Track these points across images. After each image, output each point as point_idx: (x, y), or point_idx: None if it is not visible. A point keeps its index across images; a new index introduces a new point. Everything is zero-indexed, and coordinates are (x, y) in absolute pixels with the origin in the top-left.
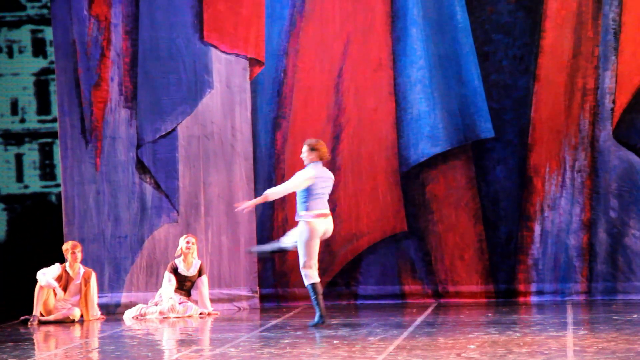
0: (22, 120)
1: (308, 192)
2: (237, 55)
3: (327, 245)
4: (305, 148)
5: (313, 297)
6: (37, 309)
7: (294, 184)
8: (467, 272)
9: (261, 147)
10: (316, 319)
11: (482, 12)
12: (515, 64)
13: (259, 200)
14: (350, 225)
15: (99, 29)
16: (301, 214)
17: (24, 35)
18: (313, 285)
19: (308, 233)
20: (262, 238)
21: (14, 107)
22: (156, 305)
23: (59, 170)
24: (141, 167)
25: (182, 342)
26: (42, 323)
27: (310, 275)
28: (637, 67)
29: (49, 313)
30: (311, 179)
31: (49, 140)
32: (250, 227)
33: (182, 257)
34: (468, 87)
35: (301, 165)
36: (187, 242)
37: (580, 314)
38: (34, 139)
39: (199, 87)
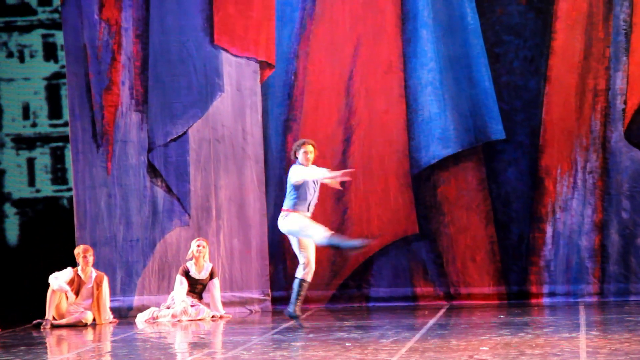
0: (34, 125)
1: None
2: (248, 58)
3: (338, 248)
4: (312, 149)
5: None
6: (50, 313)
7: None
8: (479, 274)
9: (272, 150)
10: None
11: (493, 14)
12: (526, 65)
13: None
14: (362, 227)
15: (110, 33)
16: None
17: (35, 39)
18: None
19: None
20: (274, 241)
21: (26, 112)
22: (168, 308)
23: (70, 174)
24: (152, 170)
25: (195, 345)
26: (54, 327)
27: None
28: None
29: (62, 317)
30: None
31: (61, 144)
32: (262, 230)
33: (194, 260)
34: (479, 88)
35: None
36: (198, 246)
37: (592, 316)
38: (46, 143)
39: (209, 90)
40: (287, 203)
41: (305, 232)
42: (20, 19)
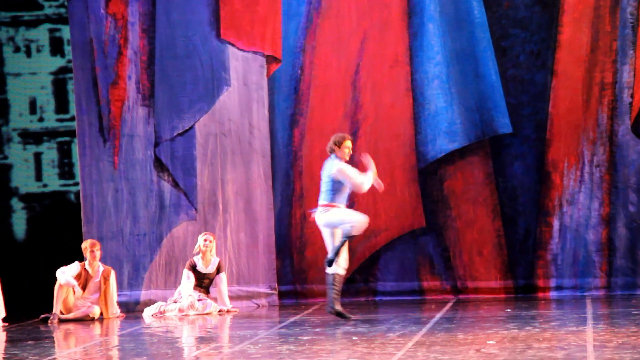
0: (41, 119)
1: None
2: (254, 52)
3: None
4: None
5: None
6: (57, 307)
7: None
8: (486, 268)
9: (278, 144)
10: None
11: (499, 7)
12: (533, 59)
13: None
14: (369, 221)
15: (116, 28)
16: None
17: (41, 34)
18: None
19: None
20: (281, 235)
21: (33, 106)
22: (175, 302)
23: (77, 169)
24: (159, 165)
25: (202, 340)
26: (62, 321)
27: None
28: None
29: (69, 311)
30: None
31: (67, 139)
32: (269, 224)
33: (201, 254)
34: (485, 82)
35: (317, 161)
36: (205, 240)
37: (599, 309)
38: (53, 137)
39: (216, 84)
40: (326, 197)
41: (344, 223)
42: (26, 13)
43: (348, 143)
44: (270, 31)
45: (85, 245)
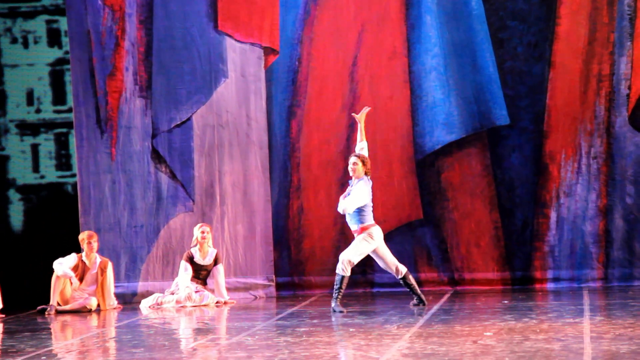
0: (38, 111)
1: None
2: (252, 44)
3: (342, 234)
4: (356, 160)
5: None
6: (54, 299)
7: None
8: (483, 260)
9: (276, 135)
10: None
11: None
12: (530, 51)
13: None
14: None
15: (114, 19)
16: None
17: (39, 25)
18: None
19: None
20: (278, 227)
21: (30, 98)
22: (172, 294)
23: (74, 161)
24: (156, 156)
25: (199, 331)
26: (59, 312)
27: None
28: None
29: (66, 303)
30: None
31: (65, 130)
32: (266, 215)
33: (198, 246)
34: (483, 74)
35: (315, 153)
36: (202, 232)
37: (596, 301)
38: (50, 129)
39: (213, 76)
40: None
41: None
42: (24, 4)
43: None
44: (268, 23)
45: (83, 236)
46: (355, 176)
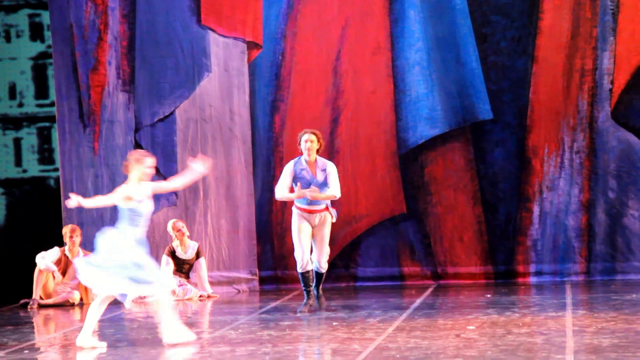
0: (20, 105)
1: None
2: (235, 38)
3: None
4: (313, 137)
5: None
6: (37, 293)
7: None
8: (466, 254)
9: (259, 130)
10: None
11: None
12: (514, 46)
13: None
14: (349, 207)
15: (96, 13)
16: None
17: (21, 19)
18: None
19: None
20: (261, 221)
21: (12, 92)
22: None
23: (57, 155)
24: None
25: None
26: (41, 306)
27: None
28: (635, 47)
29: (49, 296)
30: None
31: (47, 124)
32: (249, 210)
33: (178, 241)
34: (466, 68)
35: (298, 147)
36: (178, 230)
37: (579, 295)
38: (32, 123)
39: (196, 70)
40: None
41: None
42: None
43: (305, 136)
44: (251, 17)
45: (65, 230)
46: (311, 155)
